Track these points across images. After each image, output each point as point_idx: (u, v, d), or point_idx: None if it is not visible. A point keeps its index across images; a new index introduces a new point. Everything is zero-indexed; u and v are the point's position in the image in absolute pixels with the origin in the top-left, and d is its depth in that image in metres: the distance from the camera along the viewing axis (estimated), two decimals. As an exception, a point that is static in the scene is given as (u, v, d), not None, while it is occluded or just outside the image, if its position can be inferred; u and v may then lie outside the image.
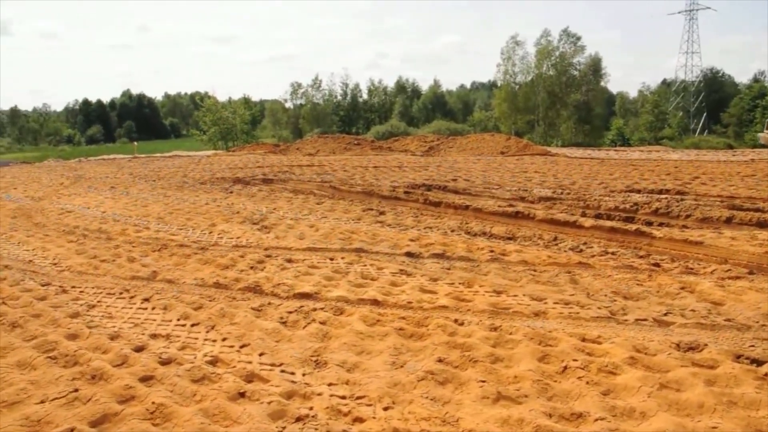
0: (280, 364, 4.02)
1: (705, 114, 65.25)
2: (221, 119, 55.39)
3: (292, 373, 3.88)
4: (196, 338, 4.54)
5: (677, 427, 3.06)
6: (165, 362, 4.00)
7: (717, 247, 6.83)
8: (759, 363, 3.78)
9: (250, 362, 4.05)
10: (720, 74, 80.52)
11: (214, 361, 4.06)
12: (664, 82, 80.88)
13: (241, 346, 4.34)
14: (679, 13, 77.06)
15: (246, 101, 65.56)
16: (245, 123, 57.85)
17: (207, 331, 4.67)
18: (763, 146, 15.29)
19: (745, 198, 10.42)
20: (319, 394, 3.55)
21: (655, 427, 3.08)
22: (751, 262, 6.32)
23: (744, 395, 3.34)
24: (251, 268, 6.46)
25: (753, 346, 4.07)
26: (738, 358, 3.87)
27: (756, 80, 78.39)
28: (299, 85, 73.94)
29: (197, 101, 63.45)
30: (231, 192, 13.01)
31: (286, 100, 75.31)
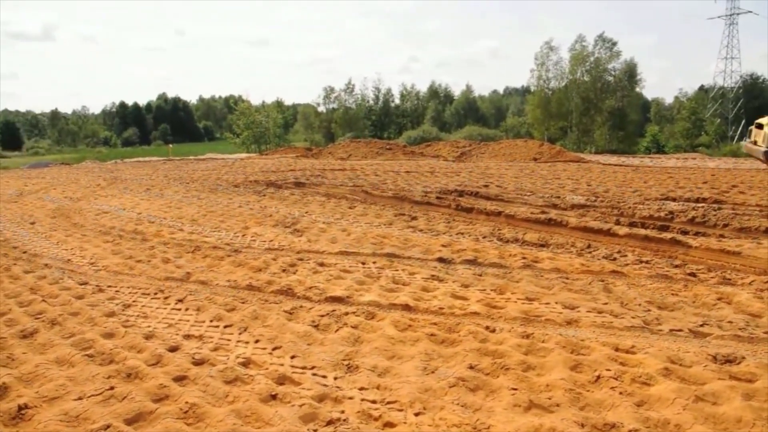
0: (312, 367, 4.05)
1: (744, 121, 63.92)
2: (254, 123, 55.99)
3: (324, 377, 3.91)
4: (229, 340, 4.60)
5: (713, 440, 3.01)
6: (198, 363, 4.06)
7: (756, 258, 6.69)
8: (799, 377, 3.70)
9: (282, 365, 4.09)
10: (761, 80, 78.82)
11: (246, 363, 4.11)
12: (701, 88, 79.49)
13: (274, 349, 4.38)
14: (719, 17, 75.71)
15: (279, 105, 66.27)
16: (278, 126, 58.44)
17: (240, 333, 4.72)
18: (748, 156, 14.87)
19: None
20: (351, 398, 3.56)
21: (690, 440, 3.04)
22: (790, 273, 6.18)
23: (783, 410, 3.27)
24: (283, 271, 6.51)
25: (792, 359, 3.98)
26: (777, 371, 3.79)
27: (800, 86, 76.53)
28: (332, 90, 74.42)
29: (231, 105, 64.20)
30: (263, 195, 13.12)
31: (318, 104, 75.84)
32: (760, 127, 12.46)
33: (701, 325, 4.66)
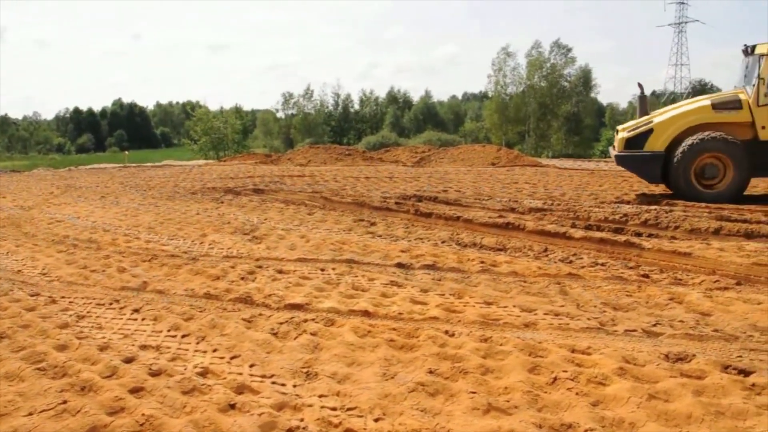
0: (271, 376, 4.02)
1: (693, 125, 65.76)
2: (212, 129, 55.44)
3: (283, 385, 3.88)
4: (187, 349, 4.54)
5: (666, 437, 3.09)
6: (155, 373, 3.99)
7: (705, 258, 6.88)
8: (746, 373, 3.82)
9: (240, 373, 4.05)
10: (709, 86, 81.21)
11: (204, 373, 4.06)
12: (653, 93, 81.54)
13: (232, 358, 4.34)
14: (668, 25, 78.12)
15: (237, 111, 65.65)
16: (236, 133, 57.94)
17: (197, 342, 4.66)
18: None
19: (732, 209, 10.51)
20: (310, 406, 3.55)
21: (643, 438, 3.11)
22: (738, 272, 6.37)
23: (731, 405, 3.37)
24: (242, 278, 6.46)
25: (740, 356, 4.11)
26: (726, 368, 3.90)
27: (743, 92, 79.09)
28: (291, 95, 74.15)
29: (188, 110, 63.45)
30: (222, 202, 13.00)
31: (277, 110, 75.48)
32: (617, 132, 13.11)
33: (654, 325, 4.77)
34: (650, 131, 12.40)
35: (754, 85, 11.82)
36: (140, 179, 19.67)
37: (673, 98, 72.89)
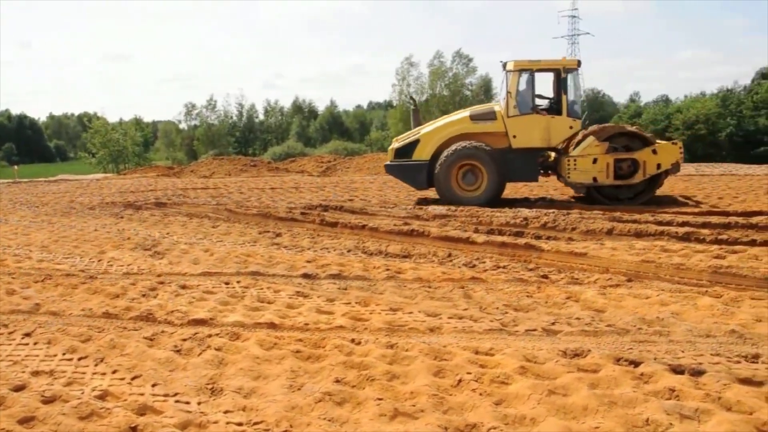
0: (175, 394, 3.89)
1: (588, 132, 69.03)
2: (111, 141, 53.41)
3: (187, 403, 3.77)
4: (84, 372, 4.33)
5: (564, 429, 3.21)
6: (48, 400, 3.78)
7: (599, 258, 7.22)
8: (636, 364, 4.04)
9: (142, 394, 3.90)
10: (601, 94, 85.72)
11: (103, 396, 3.88)
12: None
13: (133, 378, 4.17)
14: (562, 37, 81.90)
15: (137, 122, 63.56)
16: (137, 145, 56.09)
17: (96, 364, 4.45)
18: None
19: (624, 210, 11.09)
20: (215, 422, 3.46)
21: (544, 432, 3.22)
22: (629, 270, 6.75)
23: (623, 395, 3.55)
24: (143, 296, 6.23)
25: (631, 348, 4.34)
26: (618, 360, 4.12)
27: (632, 100, 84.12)
28: (193, 106, 72.38)
29: (85, 122, 60.73)
30: (121, 217, 12.52)
31: (179, 121, 73.51)
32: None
33: (553, 324, 4.96)
34: (417, 141, 13.44)
35: (505, 98, 13.03)
36: (32, 195, 18.64)
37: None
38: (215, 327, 5.12)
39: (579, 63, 13.10)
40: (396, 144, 13.97)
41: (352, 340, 4.67)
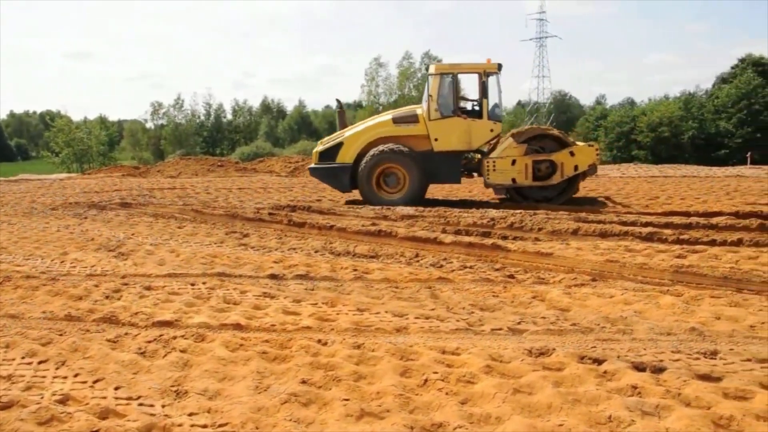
0: (138, 397, 3.84)
1: (556, 133, 69.94)
2: (75, 140, 52.49)
3: (151, 406, 3.72)
4: (44, 376, 4.23)
5: (528, 428, 3.24)
6: (6, 406, 3.69)
7: (565, 258, 7.31)
8: (599, 362, 4.10)
9: (104, 397, 3.83)
10: (568, 96, 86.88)
11: (64, 400, 3.80)
12: (519, 103, 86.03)
13: (95, 381, 4.10)
14: (530, 39, 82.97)
15: (102, 121, 62.59)
16: (102, 144, 55.22)
17: (56, 368, 4.36)
18: None
19: (589, 210, 11.25)
20: (180, 425, 3.42)
21: (509, 430, 3.24)
22: (593, 269, 6.84)
23: (586, 392, 3.60)
24: (107, 297, 6.13)
25: (594, 347, 4.40)
26: (582, 359, 4.17)
27: (598, 102, 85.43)
28: (160, 105, 71.57)
29: (48, 121, 59.58)
30: (85, 217, 12.29)
31: (146, 121, 72.61)
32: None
33: (518, 323, 5.01)
34: (341, 144, 13.65)
35: (427, 102, 13.26)
36: (-9, 196, 18.21)
37: (537, 107, 77.19)
38: (180, 328, 5.05)
39: (500, 66, 13.39)
40: (320, 147, 14.10)
41: (319, 341, 4.65)
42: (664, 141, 51.90)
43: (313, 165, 14.02)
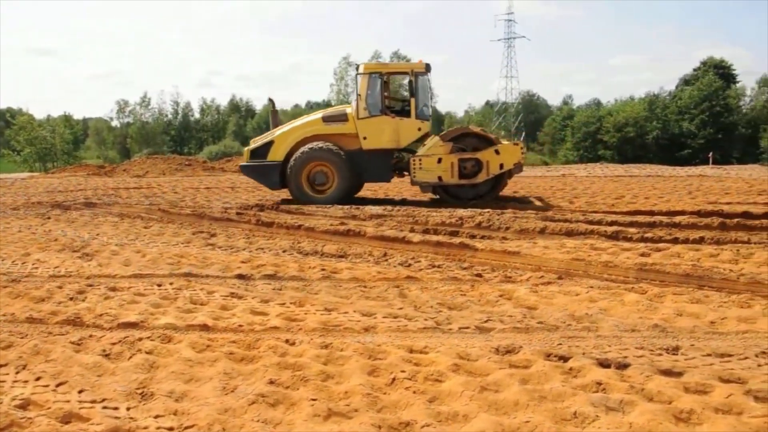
0: (102, 400, 3.77)
1: (524, 133, 70.77)
2: (38, 138, 51.53)
3: (116, 408, 3.66)
4: (4, 381, 4.13)
5: (495, 425, 3.26)
6: (-37, 411, 3.61)
7: (532, 256, 7.38)
8: (565, 359, 4.15)
9: (68, 401, 3.76)
10: (536, 97, 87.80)
11: (25, 405, 3.72)
12: (487, 103, 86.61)
13: (58, 385, 4.02)
14: (499, 40, 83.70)
15: (67, 119, 61.49)
16: (66, 143, 54.30)
17: (17, 372, 4.27)
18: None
19: (556, 209, 11.38)
20: (145, 428, 3.38)
21: (476, 428, 3.26)
22: (560, 268, 6.92)
23: (552, 389, 3.64)
24: (70, 299, 6.02)
25: (560, 344, 4.46)
26: (548, 356, 4.22)
27: (565, 103, 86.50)
28: (126, 103, 70.52)
29: (9, 118, 58.33)
30: (48, 217, 12.06)
31: (111, 119, 71.51)
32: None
33: (486, 321, 5.04)
34: (271, 142, 13.76)
35: (356, 101, 13.44)
36: (-50, 196, 17.78)
37: (505, 107, 77.87)
38: (146, 330, 4.99)
39: (428, 67, 13.61)
40: (252, 145, 14.19)
41: (287, 341, 4.63)
42: (630, 141, 52.80)
43: (243, 163, 14.12)
